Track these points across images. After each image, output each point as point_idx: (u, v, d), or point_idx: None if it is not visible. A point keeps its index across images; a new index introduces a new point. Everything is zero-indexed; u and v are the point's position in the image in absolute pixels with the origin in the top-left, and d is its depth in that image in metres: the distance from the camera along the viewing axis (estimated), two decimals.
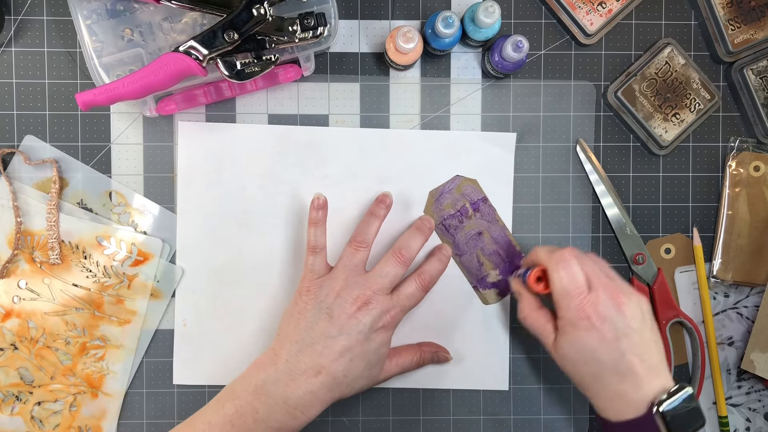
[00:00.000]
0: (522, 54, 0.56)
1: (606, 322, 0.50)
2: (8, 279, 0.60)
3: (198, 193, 0.61)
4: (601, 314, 0.50)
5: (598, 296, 0.51)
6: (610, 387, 0.51)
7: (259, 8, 0.51)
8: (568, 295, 0.51)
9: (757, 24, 0.61)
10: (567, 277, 0.51)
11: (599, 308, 0.50)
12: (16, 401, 0.61)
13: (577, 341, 0.51)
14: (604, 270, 0.53)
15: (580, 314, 0.51)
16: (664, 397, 0.49)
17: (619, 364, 0.50)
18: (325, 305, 0.54)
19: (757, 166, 0.63)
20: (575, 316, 0.51)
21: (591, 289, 0.51)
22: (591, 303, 0.51)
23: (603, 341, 0.50)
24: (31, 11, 0.60)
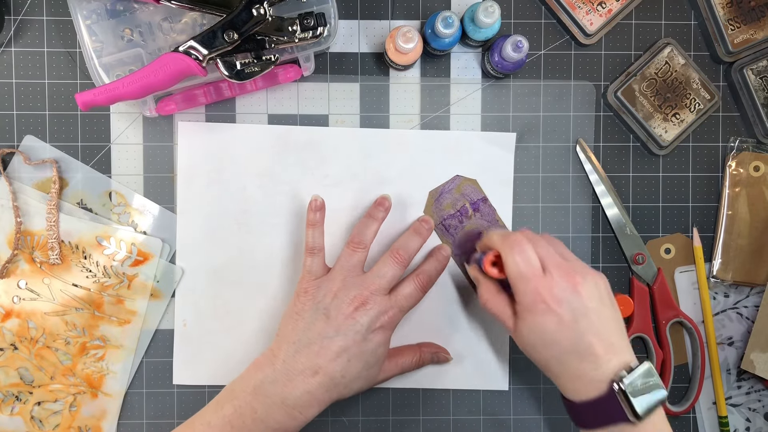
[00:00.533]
0: (522, 54, 0.56)
1: (562, 304, 0.50)
2: (8, 279, 0.60)
3: (198, 193, 0.61)
4: (557, 297, 0.50)
5: (552, 278, 0.50)
6: (571, 368, 0.50)
7: (258, 8, 0.51)
8: (523, 279, 0.51)
9: (756, 24, 0.61)
10: (521, 261, 0.51)
11: (554, 291, 0.50)
12: (16, 401, 0.61)
13: (535, 325, 0.51)
14: (559, 250, 0.53)
15: (535, 298, 0.50)
16: (624, 373, 0.48)
17: (578, 345, 0.49)
18: (322, 306, 0.54)
19: (757, 166, 0.63)
20: (531, 301, 0.50)
21: (545, 271, 0.51)
22: (546, 286, 0.50)
23: (561, 323, 0.50)
24: (31, 11, 0.60)
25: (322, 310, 0.54)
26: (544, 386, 0.63)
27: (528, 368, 0.63)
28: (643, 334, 0.62)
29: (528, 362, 0.62)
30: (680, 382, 0.64)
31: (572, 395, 0.51)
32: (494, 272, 0.54)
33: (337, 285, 0.55)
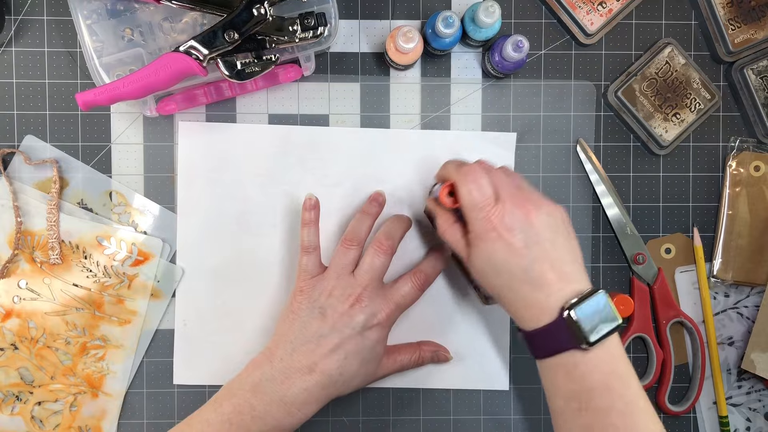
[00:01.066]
0: (522, 54, 0.56)
1: (513, 232, 0.49)
2: (8, 279, 0.60)
3: (198, 193, 0.61)
4: (508, 224, 0.49)
5: (504, 207, 0.50)
6: (523, 296, 0.50)
7: (259, 8, 0.51)
8: (476, 207, 0.50)
9: (757, 24, 0.61)
10: (475, 190, 0.50)
11: (505, 219, 0.49)
12: (17, 401, 0.61)
13: (485, 253, 0.50)
14: (515, 181, 0.52)
15: (486, 226, 0.50)
16: (574, 300, 0.48)
17: (529, 272, 0.49)
18: (318, 305, 0.54)
19: (757, 165, 0.63)
20: (482, 228, 0.50)
21: (498, 200, 0.50)
22: (497, 214, 0.49)
23: (511, 251, 0.49)
24: (32, 11, 0.60)
25: (318, 308, 0.54)
26: None
27: (528, 368, 0.63)
28: (644, 334, 0.62)
29: (528, 362, 0.63)
30: (680, 382, 0.64)
31: (525, 324, 0.50)
32: (449, 202, 0.53)
33: (332, 283, 0.55)
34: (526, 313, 0.50)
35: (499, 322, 0.62)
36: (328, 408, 0.62)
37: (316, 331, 0.54)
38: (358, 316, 0.54)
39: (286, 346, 0.54)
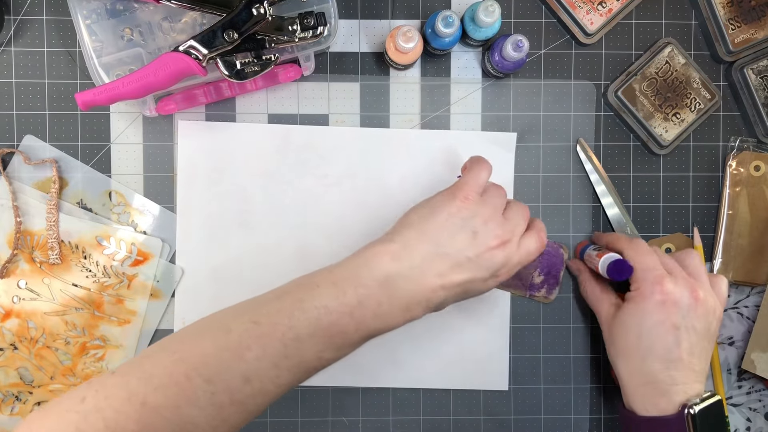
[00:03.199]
0: (522, 53, 0.55)
1: (676, 307, 0.51)
2: (8, 279, 0.60)
3: (198, 192, 0.61)
4: (675, 297, 0.51)
5: (677, 280, 0.52)
6: (651, 371, 0.50)
7: (258, 8, 0.51)
8: (649, 269, 0.52)
9: (757, 23, 0.61)
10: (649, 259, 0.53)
11: (676, 291, 0.51)
12: (16, 401, 0.60)
13: (641, 311, 0.52)
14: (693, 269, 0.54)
15: (655, 287, 0.51)
16: (698, 401, 0.49)
17: (669, 352, 0.50)
18: (473, 223, 0.49)
19: (757, 165, 0.63)
20: (650, 288, 0.52)
21: (671, 274, 0.52)
22: (670, 282, 0.52)
23: (665, 323, 0.51)
24: (31, 11, 0.60)
25: (471, 227, 0.49)
26: (544, 386, 0.63)
27: (528, 368, 0.63)
28: None
29: (528, 362, 0.62)
30: None
31: (635, 404, 0.51)
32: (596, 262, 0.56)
33: (489, 214, 0.50)
34: (643, 391, 0.51)
35: (499, 322, 0.62)
36: (328, 408, 0.62)
37: (461, 248, 0.48)
38: (498, 258, 0.49)
39: (429, 248, 0.47)
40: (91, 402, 0.41)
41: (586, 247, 0.60)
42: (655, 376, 0.50)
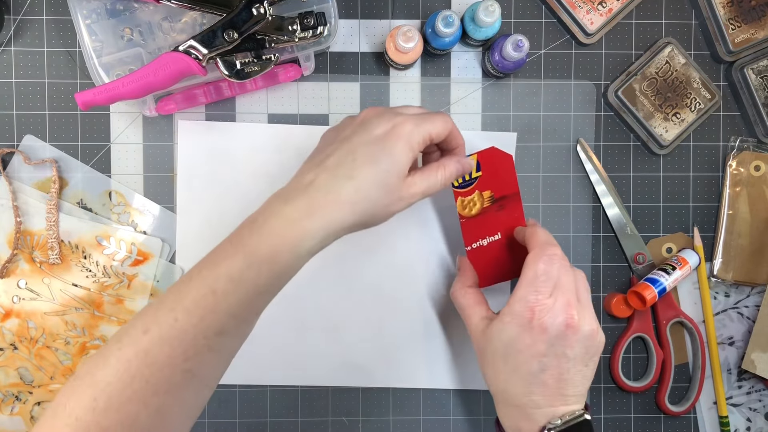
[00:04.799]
0: (522, 53, 0.55)
1: (545, 334, 0.48)
2: (8, 279, 0.60)
3: (198, 192, 0.61)
4: (545, 324, 0.48)
5: (554, 306, 0.48)
6: (514, 393, 0.49)
7: (258, 8, 0.51)
8: (531, 287, 0.49)
9: (757, 23, 0.61)
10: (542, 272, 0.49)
11: (546, 317, 0.48)
12: (16, 401, 0.60)
13: (508, 333, 0.49)
14: (579, 292, 0.50)
15: (526, 312, 0.48)
16: (559, 422, 0.48)
17: (533, 377, 0.48)
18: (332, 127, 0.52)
19: (757, 165, 0.63)
20: (521, 310, 0.48)
21: (551, 295, 0.49)
22: (543, 308, 0.48)
23: (531, 348, 0.48)
24: (31, 11, 0.60)
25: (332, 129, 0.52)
26: None
27: None
28: (644, 334, 0.62)
29: None
30: (681, 381, 0.64)
31: (503, 420, 0.52)
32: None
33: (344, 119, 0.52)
34: (508, 410, 0.50)
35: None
36: (328, 408, 0.62)
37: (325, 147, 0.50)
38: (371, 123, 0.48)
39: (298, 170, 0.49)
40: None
41: None
42: (519, 399, 0.49)
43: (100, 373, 0.43)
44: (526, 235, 0.53)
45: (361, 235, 0.61)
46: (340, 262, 0.61)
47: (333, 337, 0.62)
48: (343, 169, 0.46)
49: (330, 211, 0.46)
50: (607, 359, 0.63)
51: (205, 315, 0.44)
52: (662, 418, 0.64)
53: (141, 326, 0.44)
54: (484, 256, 0.57)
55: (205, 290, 0.44)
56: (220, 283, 0.44)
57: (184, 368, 0.44)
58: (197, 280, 0.45)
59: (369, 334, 0.62)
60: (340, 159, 0.47)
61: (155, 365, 0.43)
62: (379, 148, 0.47)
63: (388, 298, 0.62)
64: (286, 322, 0.61)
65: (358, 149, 0.47)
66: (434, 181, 0.50)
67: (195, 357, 0.44)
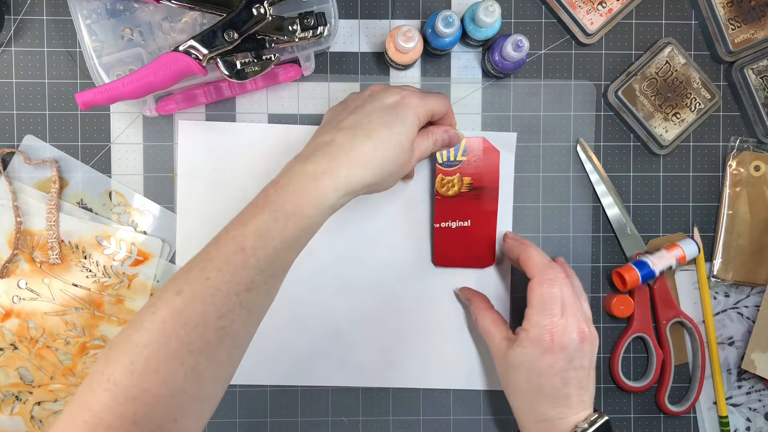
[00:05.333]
0: (522, 53, 0.55)
1: (565, 352, 0.52)
2: (8, 279, 0.60)
3: (198, 192, 0.61)
4: (564, 343, 0.52)
5: (567, 324, 0.52)
6: (541, 410, 0.53)
7: (258, 8, 0.51)
8: (542, 312, 0.52)
9: (757, 23, 0.61)
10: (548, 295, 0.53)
11: (564, 337, 0.52)
12: (16, 401, 0.60)
13: (530, 357, 0.53)
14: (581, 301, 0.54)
15: (545, 335, 0.52)
16: (585, 425, 0.52)
17: (557, 392, 0.52)
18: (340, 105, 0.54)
19: (757, 165, 0.63)
20: (539, 334, 0.52)
21: (563, 314, 0.52)
22: (560, 329, 0.52)
23: (553, 367, 0.52)
24: (31, 11, 0.60)
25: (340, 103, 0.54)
26: None
27: None
28: (644, 334, 0.62)
29: None
30: (681, 382, 0.64)
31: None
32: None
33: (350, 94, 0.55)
34: (534, 425, 0.54)
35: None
36: (328, 408, 0.62)
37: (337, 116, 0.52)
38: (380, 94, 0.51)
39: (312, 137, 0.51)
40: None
41: None
42: (546, 414, 0.53)
43: (135, 336, 0.44)
44: (521, 258, 0.56)
45: (362, 235, 0.61)
46: (340, 262, 0.61)
47: (333, 337, 0.62)
48: (361, 130, 0.49)
49: (351, 167, 0.47)
50: (607, 359, 0.63)
51: (236, 271, 0.45)
52: (662, 418, 0.64)
53: (173, 289, 0.45)
54: (449, 237, 0.61)
55: (235, 248, 0.45)
56: (248, 240, 0.46)
57: (218, 326, 0.45)
58: (226, 240, 0.46)
59: (369, 334, 0.62)
60: (357, 121, 0.49)
61: (189, 324, 0.44)
62: (392, 115, 0.50)
63: (388, 298, 0.62)
64: (286, 322, 0.61)
65: (372, 114, 0.50)
66: (426, 147, 0.53)
67: (228, 314, 0.45)
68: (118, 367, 0.43)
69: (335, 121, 0.51)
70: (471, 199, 0.60)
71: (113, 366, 0.44)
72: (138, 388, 0.43)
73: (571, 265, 0.62)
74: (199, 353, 0.44)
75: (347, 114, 0.51)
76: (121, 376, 0.43)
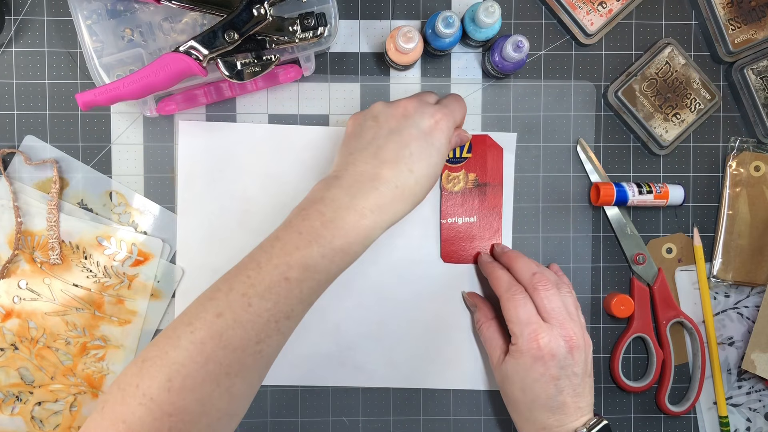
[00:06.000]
0: (522, 54, 0.56)
1: (555, 360, 0.53)
2: (8, 279, 0.60)
3: (198, 193, 0.61)
4: (552, 350, 0.53)
5: (552, 332, 0.53)
6: (539, 419, 0.54)
7: (259, 8, 0.51)
8: (520, 324, 0.54)
9: (757, 24, 0.61)
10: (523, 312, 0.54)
11: (552, 344, 0.53)
12: (17, 401, 0.61)
13: (522, 367, 0.54)
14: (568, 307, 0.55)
15: (532, 344, 0.53)
16: (584, 430, 0.53)
17: (553, 400, 0.53)
18: (369, 116, 0.53)
19: (757, 166, 0.63)
20: (527, 344, 0.53)
21: (547, 321, 0.54)
22: (545, 337, 0.53)
23: (545, 376, 0.53)
24: (32, 11, 0.60)
25: (371, 119, 0.52)
26: None
27: None
28: (644, 334, 0.62)
29: None
30: (681, 382, 0.64)
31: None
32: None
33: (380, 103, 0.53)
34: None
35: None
36: (329, 408, 0.62)
37: (373, 136, 0.51)
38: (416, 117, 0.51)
39: (347, 160, 0.51)
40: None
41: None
42: (544, 422, 0.54)
43: (173, 353, 0.45)
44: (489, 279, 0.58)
45: None
46: None
47: (333, 337, 0.62)
48: (404, 164, 0.49)
49: (395, 204, 0.49)
50: (607, 359, 0.63)
51: (278, 300, 0.47)
52: (662, 418, 0.64)
53: (213, 310, 0.46)
54: (455, 233, 0.62)
55: (279, 277, 0.47)
56: (294, 272, 0.47)
57: (256, 350, 0.46)
58: (269, 267, 0.47)
59: (369, 334, 0.62)
60: (397, 153, 0.50)
61: (229, 347, 0.45)
62: (429, 144, 0.50)
63: (388, 298, 0.62)
64: None
65: (411, 144, 0.50)
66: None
67: (266, 339, 0.47)
68: (154, 383, 0.45)
69: (372, 145, 0.50)
70: (476, 195, 0.61)
71: (149, 381, 0.45)
72: (174, 405, 0.44)
73: (571, 265, 0.63)
74: (235, 375, 0.46)
75: (384, 139, 0.50)
76: (157, 392, 0.44)
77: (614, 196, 0.60)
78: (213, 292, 0.47)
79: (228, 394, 0.46)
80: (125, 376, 0.46)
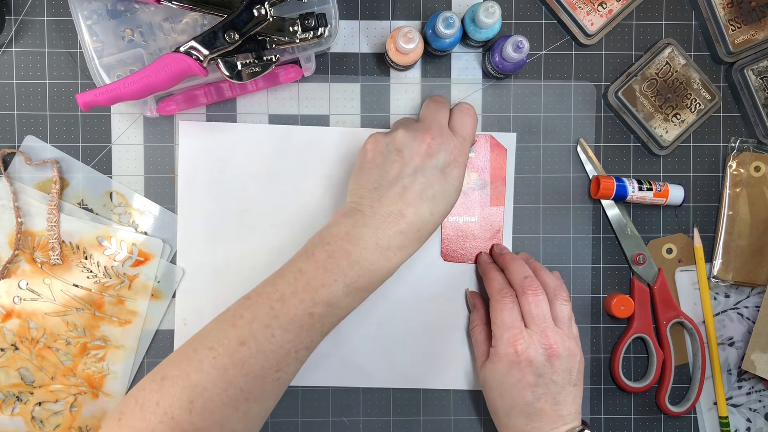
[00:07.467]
0: (522, 54, 0.56)
1: (532, 367, 0.53)
2: (9, 279, 0.60)
3: (199, 193, 0.61)
4: (530, 358, 0.53)
5: (532, 339, 0.53)
6: (517, 426, 0.54)
7: (259, 9, 0.51)
8: (502, 328, 0.54)
9: (757, 24, 0.61)
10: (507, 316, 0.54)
11: (530, 351, 0.53)
12: (17, 401, 0.61)
13: (499, 373, 0.54)
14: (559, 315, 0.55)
15: (509, 349, 0.53)
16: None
17: (530, 407, 0.53)
18: (393, 149, 0.53)
19: (757, 166, 0.63)
20: (505, 350, 0.53)
21: (528, 327, 0.54)
22: (523, 343, 0.53)
23: (522, 383, 0.53)
24: (32, 11, 0.60)
25: (395, 152, 0.52)
26: None
27: None
28: (644, 335, 0.62)
29: None
30: (681, 382, 0.64)
31: None
32: None
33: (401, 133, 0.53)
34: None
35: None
36: (329, 408, 0.62)
37: (399, 173, 0.52)
38: (439, 155, 0.52)
39: (372, 195, 0.52)
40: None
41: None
42: (522, 428, 0.53)
43: (194, 376, 0.47)
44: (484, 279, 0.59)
45: None
46: None
47: (333, 337, 0.62)
48: (426, 207, 0.51)
49: (415, 245, 0.52)
50: (607, 359, 0.63)
51: (300, 332, 0.49)
52: (662, 418, 0.64)
53: (236, 338, 0.48)
54: (456, 232, 0.62)
55: (303, 312, 0.49)
56: (318, 308, 0.49)
57: (275, 377, 0.49)
58: (294, 301, 0.49)
59: (369, 334, 0.62)
60: (422, 195, 0.51)
61: (250, 375, 0.48)
62: (449, 184, 0.52)
63: (388, 298, 0.62)
64: None
65: (434, 183, 0.52)
66: None
67: (285, 368, 0.50)
68: (176, 402, 0.47)
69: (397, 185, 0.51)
70: (478, 195, 0.62)
71: (170, 400, 0.47)
72: (194, 426, 0.47)
73: (571, 265, 0.63)
74: (254, 400, 0.48)
75: (410, 179, 0.51)
76: (179, 411, 0.47)
77: (614, 190, 0.60)
78: (235, 318, 0.49)
79: (245, 417, 0.48)
80: (143, 391, 0.48)
